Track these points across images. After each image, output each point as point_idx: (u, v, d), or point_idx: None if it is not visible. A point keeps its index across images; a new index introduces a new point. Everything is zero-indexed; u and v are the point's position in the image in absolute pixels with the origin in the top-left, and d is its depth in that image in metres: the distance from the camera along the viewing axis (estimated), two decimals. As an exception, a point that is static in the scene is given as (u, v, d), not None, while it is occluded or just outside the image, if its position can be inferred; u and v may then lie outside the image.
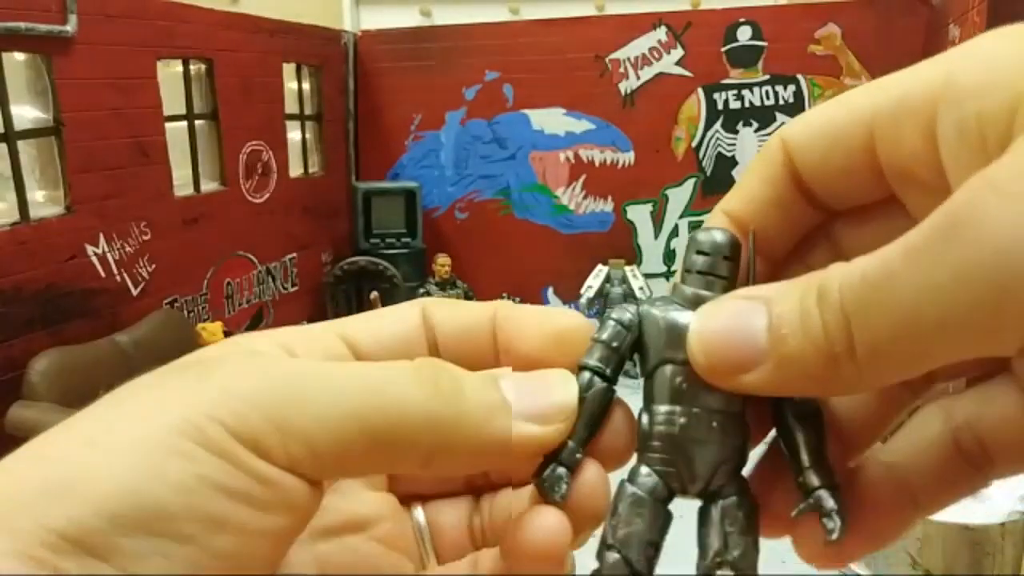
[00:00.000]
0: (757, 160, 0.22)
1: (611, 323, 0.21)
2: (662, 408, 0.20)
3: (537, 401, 0.20)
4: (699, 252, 0.21)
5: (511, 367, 0.22)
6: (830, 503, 0.20)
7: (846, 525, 0.20)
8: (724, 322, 0.19)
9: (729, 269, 0.21)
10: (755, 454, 0.22)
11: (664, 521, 0.21)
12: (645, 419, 0.21)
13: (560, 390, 0.20)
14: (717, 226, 0.22)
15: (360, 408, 0.18)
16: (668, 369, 0.20)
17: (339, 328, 0.22)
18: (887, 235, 0.19)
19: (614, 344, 0.21)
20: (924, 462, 0.21)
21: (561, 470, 0.20)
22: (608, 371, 0.21)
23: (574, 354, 0.22)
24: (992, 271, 0.15)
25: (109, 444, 0.16)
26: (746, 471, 0.21)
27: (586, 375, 0.21)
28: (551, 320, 0.22)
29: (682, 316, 0.20)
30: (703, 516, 0.21)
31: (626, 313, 0.21)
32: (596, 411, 0.21)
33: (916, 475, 0.21)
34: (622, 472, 0.21)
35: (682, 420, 0.20)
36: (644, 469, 0.21)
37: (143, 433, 0.16)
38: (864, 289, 0.17)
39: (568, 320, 0.22)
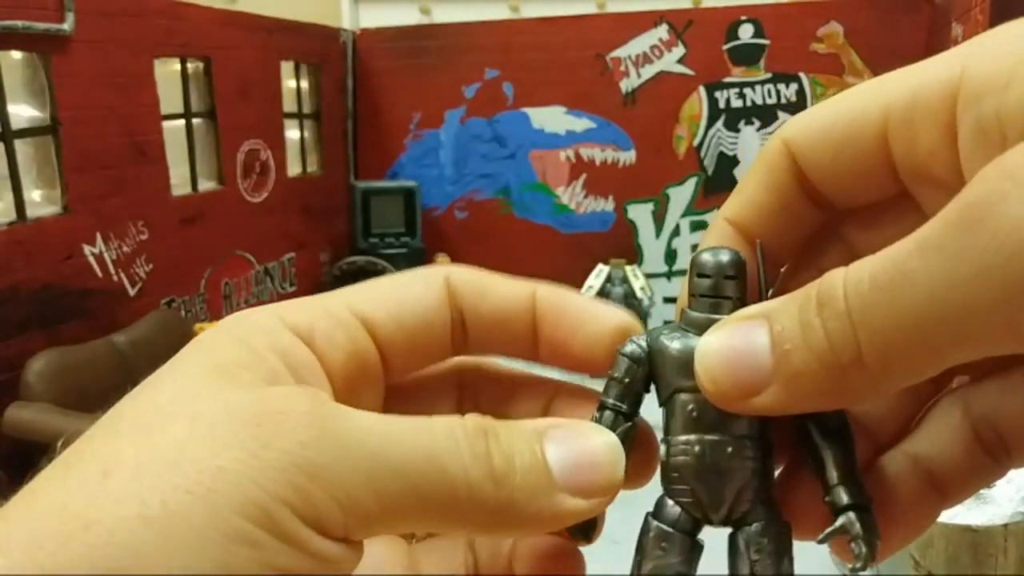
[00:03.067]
0: (758, 163, 0.22)
1: (622, 359, 0.21)
2: (679, 438, 0.20)
3: (584, 475, 0.19)
4: (701, 275, 0.21)
5: (550, 359, 0.22)
6: (857, 528, 0.19)
7: (875, 552, 0.19)
8: (726, 346, 0.19)
9: (735, 288, 0.20)
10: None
11: (692, 552, 0.20)
12: (663, 450, 0.21)
13: (608, 464, 0.19)
14: (718, 245, 0.21)
15: (419, 484, 0.17)
16: (680, 398, 0.20)
17: (357, 305, 0.21)
18: (901, 233, 0.19)
19: (627, 380, 0.21)
20: (947, 453, 0.21)
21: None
22: (626, 407, 0.21)
23: None
24: (1012, 268, 0.15)
25: (167, 524, 0.15)
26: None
27: (607, 414, 0.21)
28: (606, 317, 0.22)
29: (690, 342, 0.20)
30: (732, 544, 0.20)
31: (635, 347, 0.21)
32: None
33: (940, 466, 0.21)
34: (647, 504, 0.21)
35: (697, 448, 0.20)
36: (668, 501, 0.21)
37: (204, 513, 0.15)
38: (874, 292, 0.16)
39: (623, 317, 0.22)
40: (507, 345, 0.22)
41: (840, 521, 0.19)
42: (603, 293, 2.61)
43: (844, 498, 0.19)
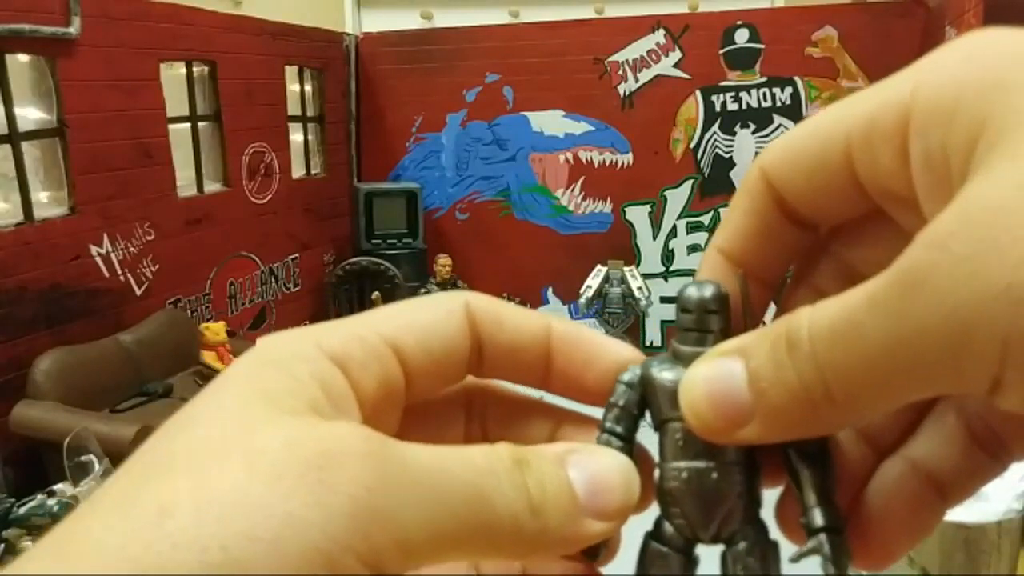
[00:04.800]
0: (740, 192, 0.23)
1: (620, 386, 0.22)
2: (670, 464, 0.21)
3: (603, 498, 0.20)
4: (684, 311, 0.22)
5: (561, 390, 0.23)
6: (825, 549, 0.20)
7: (844, 571, 0.20)
8: (707, 382, 0.20)
9: (717, 321, 0.21)
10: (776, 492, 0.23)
11: (687, 568, 0.22)
12: (658, 475, 0.22)
13: (624, 486, 0.20)
14: (706, 278, 0.22)
15: (468, 519, 0.18)
16: (670, 427, 0.21)
17: (388, 332, 0.21)
18: (884, 245, 0.21)
19: (621, 404, 0.22)
20: (944, 454, 0.22)
21: None
22: (621, 429, 0.22)
23: None
24: (949, 328, 0.16)
25: (229, 572, 0.15)
26: (770, 506, 0.22)
27: (603, 436, 0.22)
28: (618, 352, 0.23)
29: (679, 374, 0.21)
30: (723, 562, 0.21)
31: (630, 374, 0.22)
32: None
33: (939, 467, 0.22)
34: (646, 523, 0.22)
35: (685, 475, 0.21)
36: (664, 522, 0.22)
37: (268, 562, 0.15)
38: (832, 340, 0.17)
39: (634, 353, 0.23)
40: (520, 373, 0.23)
41: (811, 544, 0.20)
42: (601, 293, 2.64)
43: (817, 520, 0.20)
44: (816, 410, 0.18)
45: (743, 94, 2.78)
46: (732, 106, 2.80)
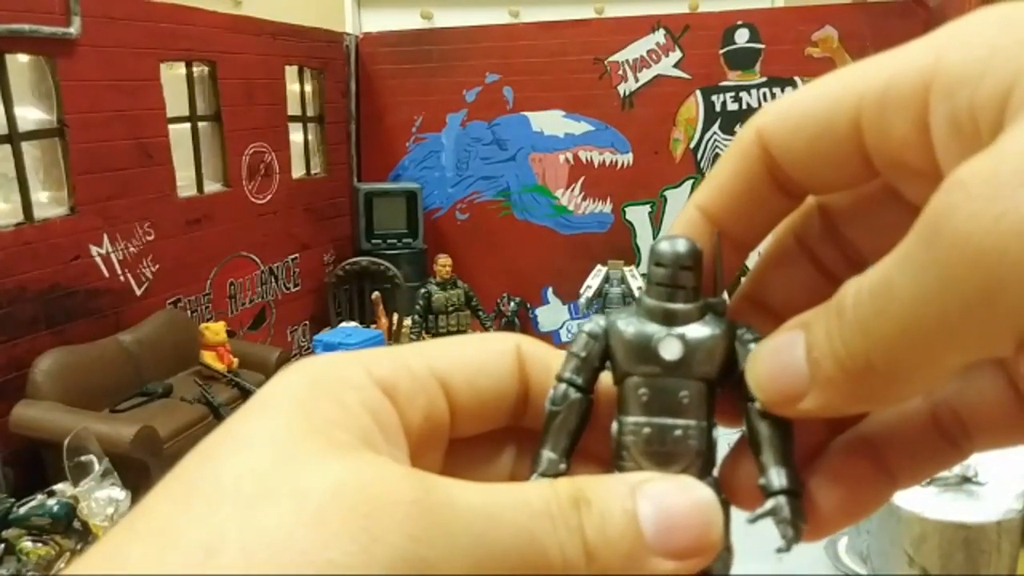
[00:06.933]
0: (731, 152, 0.22)
1: (582, 335, 0.22)
2: (629, 419, 0.21)
3: (677, 536, 0.18)
4: (658, 264, 0.21)
5: (605, 446, 0.21)
6: (785, 512, 0.20)
7: (799, 536, 0.20)
8: (770, 354, 0.19)
9: (690, 278, 0.21)
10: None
11: None
12: (615, 427, 0.21)
13: (702, 525, 0.19)
14: (680, 233, 0.22)
15: (518, 566, 0.17)
16: (632, 381, 0.21)
17: (437, 366, 0.21)
18: (884, 221, 0.21)
19: (583, 355, 0.22)
20: (901, 436, 0.21)
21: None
22: (580, 381, 0.22)
23: None
24: (973, 275, 0.15)
25: None
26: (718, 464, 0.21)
27: (561, 387, 0.22)
28: None
29: (644, 328, 0.21)
30: None
31: (594, 325, 0.22)
32: (573, 421, 0.22)
33: (893, 449, 0.21)
34: None
35: (646, 431, 0.21)
36: (616, 474, 0.21)
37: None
38: (870, 303, 0.17)
39: None
40: None
41: (769, 504, 0.20)
42: (601, 293, 2.64)
43: (775, 482, 0.20)
44: (861, 380, 0.17)
45: (743, 94, 2.79)
46: (732, 106, 2.80)
